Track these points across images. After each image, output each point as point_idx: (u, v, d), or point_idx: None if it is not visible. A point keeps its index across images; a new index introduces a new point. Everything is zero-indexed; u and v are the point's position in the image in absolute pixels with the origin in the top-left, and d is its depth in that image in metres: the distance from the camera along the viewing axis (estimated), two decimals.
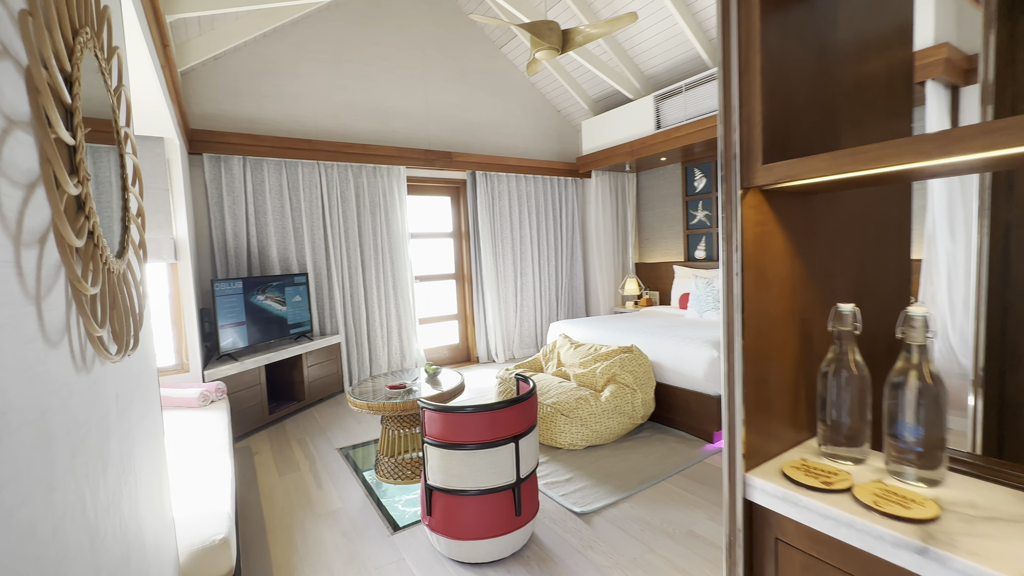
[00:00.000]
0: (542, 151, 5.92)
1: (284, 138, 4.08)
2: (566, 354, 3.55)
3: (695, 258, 5.28)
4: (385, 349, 4.72)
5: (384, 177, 4.66)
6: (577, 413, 2.85)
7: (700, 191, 5.16)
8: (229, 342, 3.38)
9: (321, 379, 4.13)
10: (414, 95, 4.94)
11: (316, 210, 4.32)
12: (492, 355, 5.42)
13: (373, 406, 2.41)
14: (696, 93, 4.28)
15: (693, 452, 2.76)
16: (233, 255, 3.92)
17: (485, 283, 5.30)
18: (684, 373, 3.05)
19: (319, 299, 4.39)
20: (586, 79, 5.30)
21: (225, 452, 2.04)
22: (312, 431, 3.46)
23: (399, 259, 4.77)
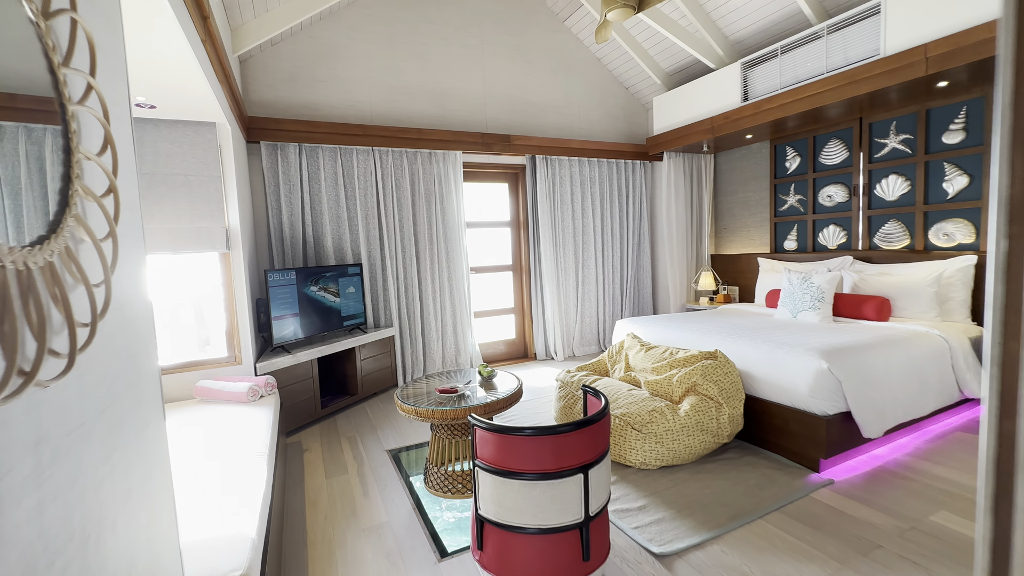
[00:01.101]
0: (607, 132, 5.45)
1: (339, 123, 3.96)
2: (635, 357, 3.16)
3: (784, 249, 4.64)
4: (439, 343, 4.53)
5: (440, 163, 4.44)
6: (651, 428, 2.47)
7: (792, 172, 4.50)
8: (283, 334, 3.31)
9: (374, 373, 4.00)
10: (471, 75, 4.67)
11: (371, 199, 4.18)
12: (551, 352, 5.10)
13: (422, 412, 2.18)
14: (794, 57, 3.66)
15: (795, 483, 2.29)
16: (289, 245, 3.86)
17: (544, 275, 4.97)
18: (782, 386, 2.57)
19: (373, 291, 4.26)
20: (659, 49, 4.77)
21: (264, 458, 1.88)
22: (363, 429, 3.32)
23: (454, 249, 4.55)
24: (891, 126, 3.73)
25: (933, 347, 2.83)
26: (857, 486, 2.26)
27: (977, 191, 3.31)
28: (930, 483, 2.26)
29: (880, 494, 2.18)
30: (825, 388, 2.38)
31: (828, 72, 3.43)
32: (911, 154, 3.63)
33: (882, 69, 3.07)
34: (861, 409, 2.37)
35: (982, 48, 2.63)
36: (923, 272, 3.35)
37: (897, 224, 3.76)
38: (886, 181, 3.80)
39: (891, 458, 2.53)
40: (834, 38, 3.38)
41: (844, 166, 4.08)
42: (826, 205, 4.24)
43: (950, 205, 3.44)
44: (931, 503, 2.08)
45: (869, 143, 3.88)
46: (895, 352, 2.66)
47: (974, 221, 3.34)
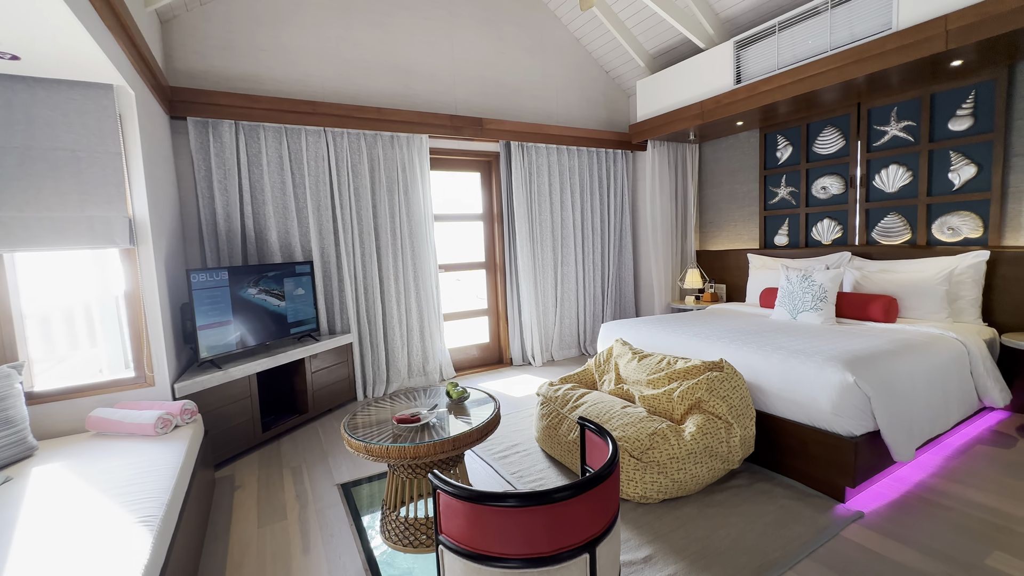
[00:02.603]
0: (587, 119, 5.07)
1: (284, 99, 3.41)
2: (627, 366, 2.78)
3: (774, 245, 4.37)
4: (405, 350, 4.05)
5: (403, 148, 3.94)
6: (653, 455, 2.09)
7: (784, 163, 4.23)
8: (212, 346, 2.77)
9: (328, 387, 3.50)
10: (438, 51, 4.18)
11: (323, 187, 3.65)
12: (528, 358, 4.69)
13: (374, 450, 1.72)
14: (793, 34, 3.35)
15: (821, 519, 1.95)
16: (225, 240, 3.30)
17: (520, 273, 4.55)
18: (798, 402, 2.23)
19: (327, 292, 3.74)
20: (643, 28, 4.41)
21: (151, 527, 1.38)
22: (312, 455, 2.82)
23: (421, 245, 4.07)
24: (892, 112, 3.47)
25: (952, 352, 2.56)
26: (891, 519, 1.94)
27: (986, 182, 3.07)
28: (971, 512, 1.96)
29: (919, 529, 1.86)
30: (851, 405, 2.05)
31: (832, 50, 3.12)
32: (914, 142, 3.38)
33: (894, 45, 2.78)
34: (892, 429, 2.06)
35: (1012, 18, 2.35)
36: (932, 269, 3.10)
37: (897, 217, 3.52)
38: (886, 171, 3.55)
39: (917, 480, 2.23)
40: (839, 12, 3.08)
41: (840, 156, 3.82)
42: (820, 197, 3.98)
43: (956, 197, 3.20)
44: (981, 540, 1.78)
45: (868, 131, 3.62)
46: (918, 359, 2.36)
47: (982, 214, 3.11)
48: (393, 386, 3.98)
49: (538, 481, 2.37)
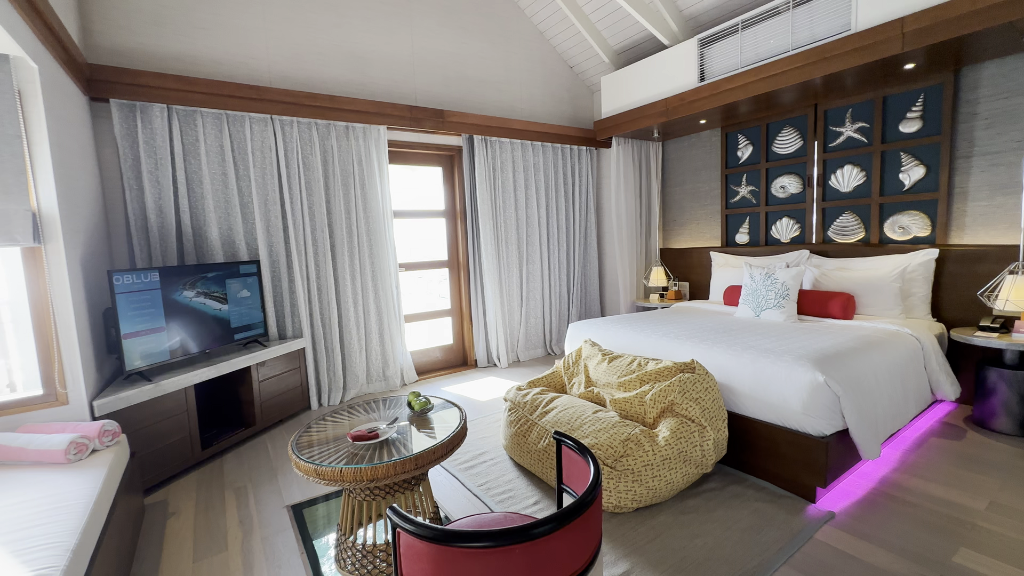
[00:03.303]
0: (551, 115, 4.97)
1: (226, 83, 3.11)
2: (597, 368, 2.69)
3: (735, 243, 4.43)
4: (363, 354, 3.82)
5: (359, 139, 3.71)
6: (627, 463, 2.00)
7: (744, 162, 4.28)
8: (140, 356, 2.47)
9: (278, 396, 3.23)
10: (396, 38, 3.96)
11: (271, 180, 3.37)
12: (493, 359, 4.56)
13: (325, 473, 1.53)
14: (756, 33, 3.36)
15: (794, 521, 1.93)
16: (157, 238, 2.98)
17: (485, 272, 4.41)
18: (769, 402, 2.20)
19: (276, 294, 3.46)
20: (608, 23, 4.35)
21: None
22: (259, 473, 2.58)
23: (379, 243, 3.85)
24: (847, 114, 3.56)
25: (908, 348, 2.62)
26: (860, 518, 1.94)
27: (934, 182, 3.19)
28: (934, 508, 1.99)
29: (888, 528, 1.87)
30: (821, 404, 2.04)
31: (794, 49, 3.15)
32: (867, 143, 3.48)
33: (854, 46, 2.82)
34: (860, 428, 2.06)
35: (965, 22, 2.41)
36: (886, 267, 3.19)
37: (852, 216, 3.62)
38: (841, 172, 3.64)
39: (881, 476, 2.26)
40: (800, 12, 3.11)
41: (798, 156, 3.89)
42: (779, 196, 4.05)
43: (906, 197, 3.32)
44: (946, 537, 1.79)
45: (824, 131, 3.71)
46: (879, 357, 2.40)
47: (930, 214, 3.23)
48: (351, 393, 3.75)
49: (507, 493, 2.24)
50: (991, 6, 2.34)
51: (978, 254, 2.97)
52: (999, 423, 2.64)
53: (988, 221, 2.99)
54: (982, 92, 2.96)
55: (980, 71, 2.96)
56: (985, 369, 2.69)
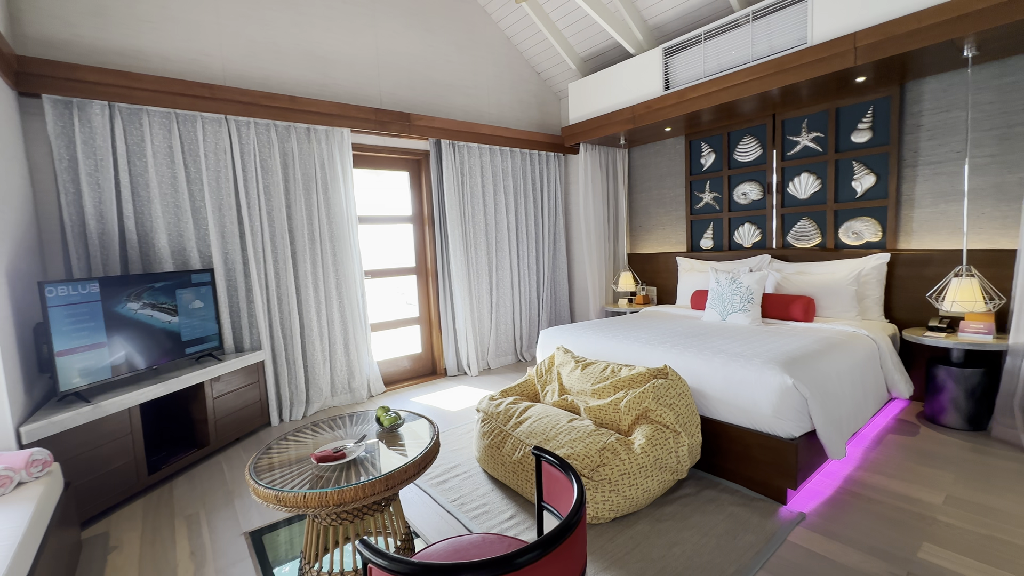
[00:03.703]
0: (520, 120, 4.96)
1: (175, 80, 2.92)
2: (570, 376, 2.66)
3: (700, 248, 4.52)
4: (327, 366, 3.66)
5: (322, 142, 3.56)
6: (604, 472, 1.97)
7: (708, 169, 4.39)
8: (77, 375, 2.26)
9: (235, 413, 3.04)
10: (360, 39, 3.85)
11: (226, 183, 3.19)
12: (463, 367, 4.47)
13: (287, 500, 1.42)
14: (718, 44, 3.45)
15: (768, 524, 1.94)
16: (98, 246, 2.75)
17: (454, 279, 4.32)
18: (740, 406, 2.23)
19: (232, 305, 3.27)
20: (575, 31, 4.38)
21: None
22: (213, 498, 2.40)
23: (344, 249, 3.71)
24: (803, 124, 3.71)
25: (866, 349, 2.73)
26: (829, 518, 1.98)
27: (884, 190, 3.35)
28: (896, 504, 2.05)
29: (855, 526, 1.91)
30: (790, 407, 2.08)
31: (754, 61, 3.25)
32: (822, 152, 3.63)
33: (811, 58, 2.93)
34: (826, 428, 2.11)
35: (911, 39, 2.55)
36: (842, 271, 3.32)
37: (809, 222, 3.76)
38: (799, 179, 3.78)
39: (845, 475, 2.33)
40: (759, 25, 3.21)
41: (758, 163, 4.02)
42: (741, 203, 4.17)
43: (859, 204, 3.47)
44: (909, 533, 1.85)
45: (782, 140, 3.84)
46: (841, 358, 2.48)
47: (881, 220, 3.39)
48: (314, 406, 3.58)
49: (481, 508, 2.17)
50: (933, 25, 2.48)
51: (925, 258, 3.13)
52: (949, 418, 2.78)
53: (933, 227, 3.16)
54: (925, 105, 3.14)
55: (923, 85, 3.13)
56: (935, 367, 2.83)
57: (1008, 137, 2.83)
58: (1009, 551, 1.72)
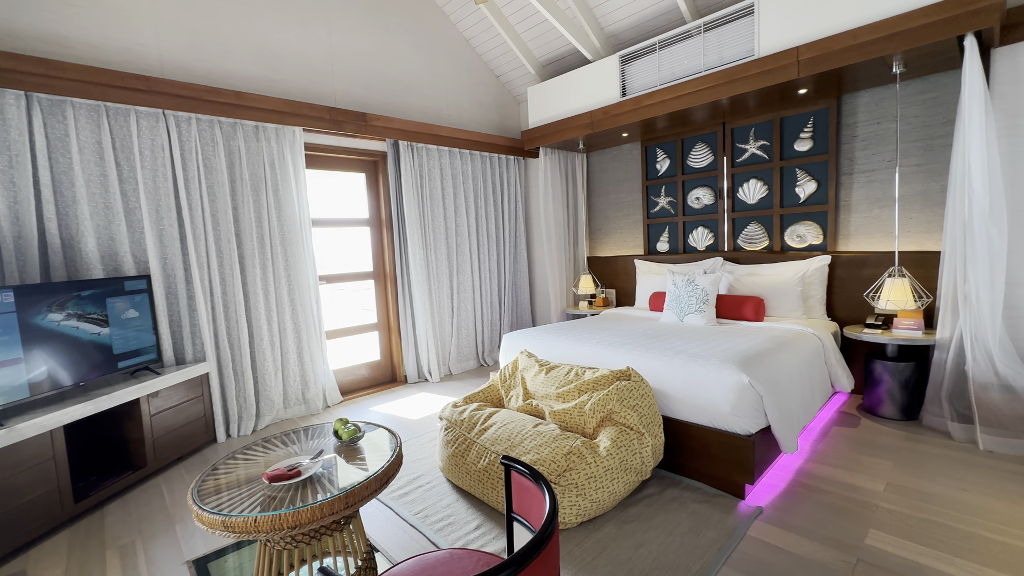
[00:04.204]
0: (479, 123, 4.93)
1: (105, 70, 2.68)
2: (535, 380, 2.65)
3: (657, 251, 4.65)
4: (279, 376, 3.47)
5: (272, 141, 3.39)
6: (570, 477, 1.96)
7: (663, 174, 4.51)
8: None
9: (176, 431, 2.82)
10: (313, 35, 3.70)
11: (164, 183, 2.96)
12: (424, 374, 4.37)
13: (234, 525, 1.31)
14: (672, 53, 3.56)
15: (728, 520, 2.00)
16: (13, 250, 2.48)
17: (413, 283, 4.22)
18: (700, 405, 2.29)
19: (172, 313, 3.04)
20: (533, 35, 4.40)
21: None
22: (151, 524, 2.20)
23: (297, 253, 3.54)
24: (751, 132, 3.88)
25: (812, 346, 2.87)
26: (784, 510, 2.06)
27: (824, 196, 3.56)
28: (843, 493, 2.16)
29: (807, 517, 2.00)
30: (747, 404, 2.15)
31: (706, 71, 3.37)
32: (768, 160, 3.81)
33: (758, 70, 3.07)
34: (780, 424, 2.20)
35: (847, 54, 2.71)
36: (788, 272, 3.50)
37: (758, 226, 3.94)
38: (747, 185, 3.95)
39: (796, 467, 2.43)
40: (710, 36, 3.34)
41: (710, 169, 4.18)
42: (695, 207, 4.32)
43: (802, 209, 3.67)
44: (857, 521, 1.95)
45: (732, 148, 4.01)
46: (791, 355, 2.60)
47: (822, 224, 3.60)
48: (265, 420, 3.38)
49: (447, 519, 2.10)
50: (867, 42, 2.66)
51: (862, 260, 3.35)
52: (885, 409, 2.97)
53: (868, 231, 3.39)
54: (859, 117, 3.36)
55: (857, 99, 3.36)
56: (872, 362, 3.02)
57: (932, 148, 3.07)
58: (944, 532, 1.84)
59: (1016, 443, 2.45)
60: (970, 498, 2.07)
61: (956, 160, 2.58)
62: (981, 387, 2.52)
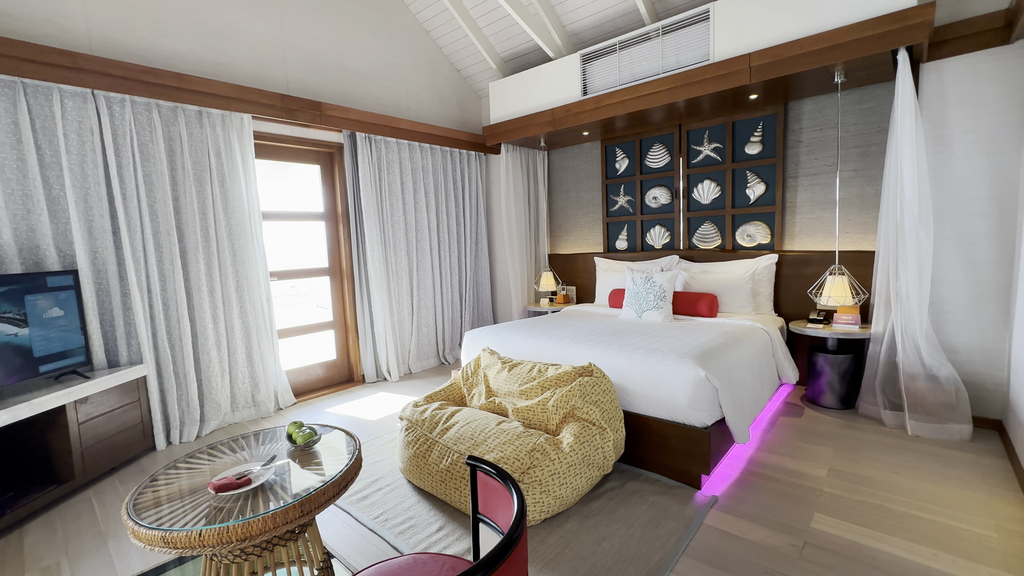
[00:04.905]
0: (439, 117, 4.84)
1: (23, 43, 2.42)
2: (497, 377, 2.63)
3: (616, 249, 4.73)
4: (225, 378, 3.28)
5: (217, 127, 3.18)
6: (535, 474, 1.96)
7: (622, 173, 4.60)
8: None
9: (109, 439, 2.60)
10: (262, 17, 3.50)
11: (93, 169, 2.72)
12: (383, 373, 4.26)
13: (178, 541, 1.22)
14: (632, 54, 3.62)
15: (686, 510, 2.06)
16: None
17: (372, 280, 4.10)
18: (659, 399, 2.34)
19: (104, 311, 2.80)
20: (495, 30, 4.36)
21: None
22: (80, 542, 2.02)
23: (245, 248, 3.35)
24: (705, 135, 4.02)
25: (762, 340, 3.01)
26: (737, 498, 2.14)
27: (772, 197, 3.74)
28: (790, 480, 2.28)
29: (758, 504, 2.09)
30: (703, 397, 2.22)
31: (664, 73, 3.45)
32: (721, 162, 3.96)
33: (713, 74, 3.18)
34: (734, 415, 2.28)
35: (794, 63, 2.85)
36: (740, 270, 3.65)
37: (711, 226, 4.09)
38: (701, 185, 4.09)
39: (747, 456, 2.54)
40: (668, 40, 3.42)
41: (667, 170, 4.29)
42: (652, 206, 4.43)
43: (751, 209, 3.84)
44: (804, 506, 2.06)
45: (687, 149, 4.14)
46: (742, 350, 2.71)
47: (770, 224, 3.78)
48: (211, 425, 3.18)
49: (408, 522, 2.05)
50: (812, 52, 2.80)
51: (806, 258, 3.54)
52: (826, 399, 3.16)
53: (811, 231, 3.59)
54: (804, 123, 3.55)
55: (802, 105, 3.54)
56: (814, 355, 3.21)
57: (868, 155, 3.28)
58: (880, 513, 1.98)
59: (939, 427, 2.66)
60: (901, 480, 2.23)
61: (889, 166, 2.77)
62: (910, 377, 2.73)
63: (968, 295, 2.81)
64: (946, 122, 2.81)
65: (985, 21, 2.62)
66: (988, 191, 2.71)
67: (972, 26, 2.65)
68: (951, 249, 2.84)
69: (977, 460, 2.39)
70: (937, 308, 2.88)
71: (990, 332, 2.75)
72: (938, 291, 2.87)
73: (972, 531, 1.84)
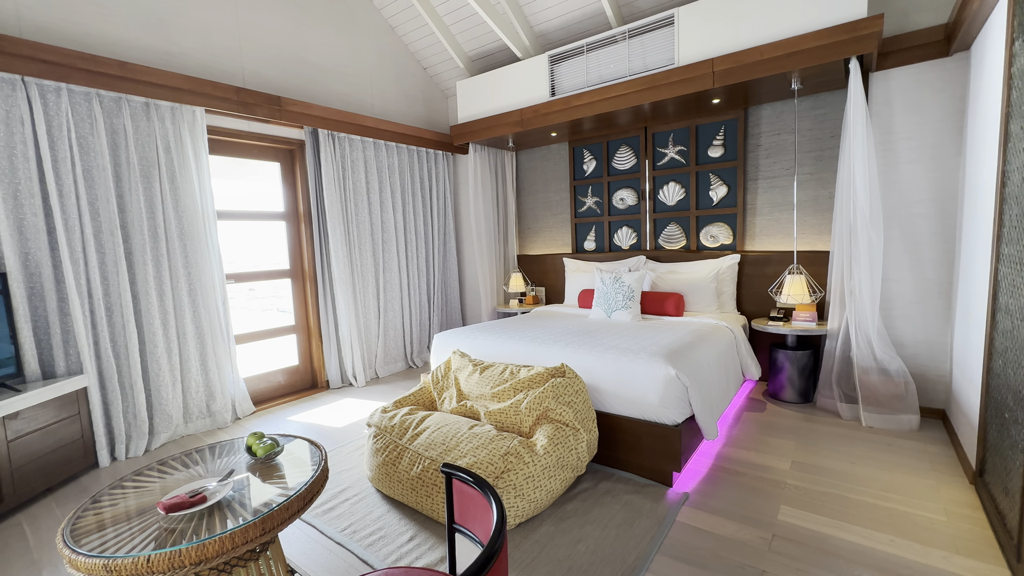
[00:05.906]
0: (405, 115, 4.74)
1: None
2: (468, 380, 2.58)
3: (584, 249, 4.77)
4: (176, 388, 3.08)
5: (166, 120, 2.99)
6: (509, 479, 1.92)
7: (590, 175, 4.64)
8: None
9: (44, 456, 2.39)
10: (216, 5, 3.33)
11: (23, 163, 2.49)
12: (348, 378, 4.12)
13: (123, 568, 1.11)
14: (599, 57, 3.65)
15: (659, 508, 2.07)
16: None
17: (336, 282, 3.96)
18: (630, 398, 2.35)
19: (38, 318, 2.57)
20: (462, 28, 4.31)
21: None
22: (8, 573, 1.83)
23: (199, 249, 3.16)
24: (670, 137, 4.11)
25: (726, 339, 3.09)
26: (707, 494, 2.18)
27: (733, 199, 3.85)
28: (755, 474, 2.34)
29: (727, 499, 2.13)
30: (674, 396, 2.25)
31: (631, 75, 3.50)
32: (685, 164, 4.05)
33: (678, 78, 3.24)
34: (703, 412, 2.32)
35: (755, 68, 2.94)
36: (704, 270, 3.74)
37: (676, 227, 4.18)
38: (667, 187, 4.18)
39: (715, 452, 2.60)
40: (635, 43, 3.47)
41: (633, 172, 4.36)
42: (619, 208, 4.48)
43: (715, 211, 3.94)
44: (769, 499, 2.11)
45: (653, 151, 4.21)
46: (708, 348, 2.76)
47: (732, 225, 3.89)
48: (161, 438, 2.98)
49: (377, 533, 1.97)
50: (770, 58, 2.90)
51: (766, 258, 3.67)
52: (787, 394, 3.28)
53: (771, 232, 3.72)
54: (763, 128, 3.68)
55: (761, 111, 3.67)
56: (775, 351, 3.32)
57: (822, 159, 3.43)
58: (840, 503, 2.05)
59: (890, 418, 2.80)
60: (858, 470, 2.33)
61: (842, 170, 2.90)
62: (863, 371, 2.86)
63: (914, 292, 2.97)
64: (893, 128, 2.97)
65: (927, 34, 2.78)
66: (931, 194, 2.88)
67: (916, 38, 2.81)
68: (898, 248, 3.00)
69: (924, 448, 2.53)
70: (886, 305, 3.04)
71: (934, 327, 2.93)
72: (887, 288, 3.03)
73: (924, 516, 1.93)
